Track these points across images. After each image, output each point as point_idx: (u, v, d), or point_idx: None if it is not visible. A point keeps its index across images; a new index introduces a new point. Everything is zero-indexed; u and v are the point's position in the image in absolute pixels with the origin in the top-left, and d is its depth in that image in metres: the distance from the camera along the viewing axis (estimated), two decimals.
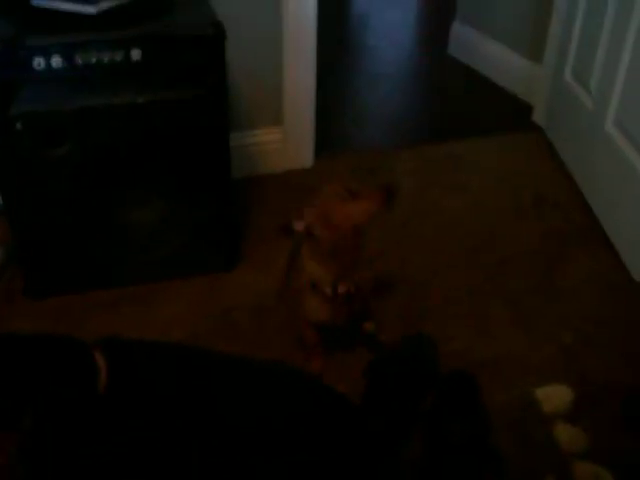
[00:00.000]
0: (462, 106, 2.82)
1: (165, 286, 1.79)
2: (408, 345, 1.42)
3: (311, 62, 2.13)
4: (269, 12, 2.03)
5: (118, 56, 1.50)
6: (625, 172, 1.89)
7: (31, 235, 1.67)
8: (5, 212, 1.67)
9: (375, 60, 3.33)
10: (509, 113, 2.73)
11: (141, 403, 1.22)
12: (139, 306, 1.73)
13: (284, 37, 2.07)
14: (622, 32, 1.91)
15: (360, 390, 1.37)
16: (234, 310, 1.72)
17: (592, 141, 2.11)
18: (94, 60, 1.49)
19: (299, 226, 1.39)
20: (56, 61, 1.46)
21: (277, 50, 2.08)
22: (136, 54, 1.50)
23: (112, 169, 1.63)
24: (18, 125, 1.50)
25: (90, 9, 1.54)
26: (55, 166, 1.57)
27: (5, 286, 1.78)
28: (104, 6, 1.55)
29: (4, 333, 1.09)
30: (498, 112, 2.74)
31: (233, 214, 1.82)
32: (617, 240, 1.95)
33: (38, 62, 1.46)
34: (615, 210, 1.98)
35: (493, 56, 2.95)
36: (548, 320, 1.73)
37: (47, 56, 1.45)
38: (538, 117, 2.61)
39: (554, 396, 1.39)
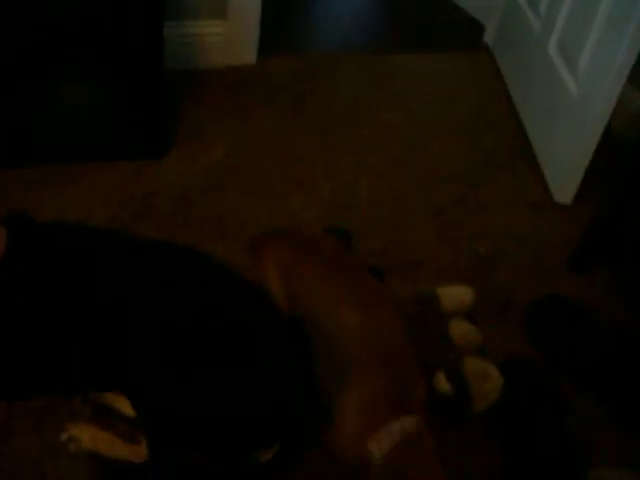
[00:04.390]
0: (415, 20, 2.78)
1: (90, 168, 1.76)
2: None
3: None
4: None
5: None
6: (561, 97, 1.91)
7: None
8: None
9: None
10: (462, 32, 2.71)
11: (40, 277, 1.21)
12: (63, 185, 1.71)
13: None
14: None
15: None
16: (158, 196, 1.72)
17: (535, 63, 2.12)
18: None
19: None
20: None
21: None
22: None
23: (36, 45, 1.58)
24: None
25: None
26: None
27: None
28: None
29: None
30: (451, 30, 2.72)
31: (164, 102, 1.80)
32: (545, 163, 2.00)
33: None
34: (547, 134, 2.01)
35: None
36: (467, 232, 1.77)
37: None
38: (489, 38, 2.60)
39: (454, 295, 1.44)
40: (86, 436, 1.19)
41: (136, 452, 1.18)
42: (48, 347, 1.19)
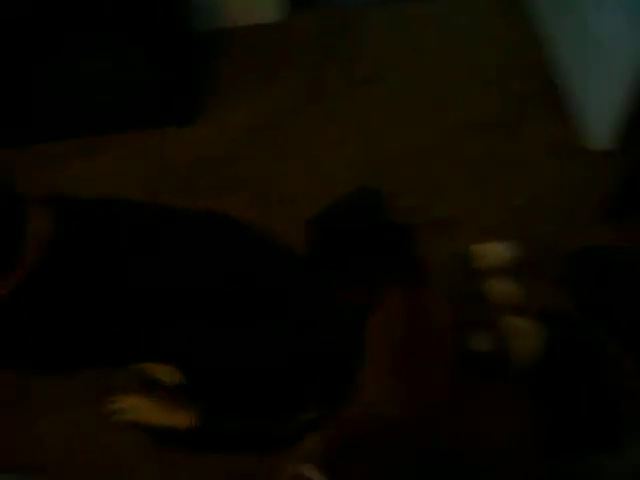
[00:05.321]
0: None
1: (116, 139, 1.77)
2: (353, 196, 1.44)
3: None
4: None
5: None
6: (592, 38, 1.85)
7: None
8: None
9: None
10: None
11: (89, 252, 1.24)
12: (86, 159, 1.72)
13: None
14: None
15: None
16: (186, 162, 1.72)
17: (563, 4, 2.04)
18: None
19: None
20: None
21: None
22: None
23: (55, 16, 1.57)
24: None
25: None
26: None
27: None
28: None
29: None
30: None
31: (191, 68, 1.78)
32: (578, 110, 1.94)
33: None
34: (579, 78, 1.95)
35: None
36: (501, 184, 1.75)
37: None
38: None
39: (490, 253, 1.43)
40: (133, 406, 1.24)
41: (181, 419, 1.22)
42: (98, 319, 1.23)
